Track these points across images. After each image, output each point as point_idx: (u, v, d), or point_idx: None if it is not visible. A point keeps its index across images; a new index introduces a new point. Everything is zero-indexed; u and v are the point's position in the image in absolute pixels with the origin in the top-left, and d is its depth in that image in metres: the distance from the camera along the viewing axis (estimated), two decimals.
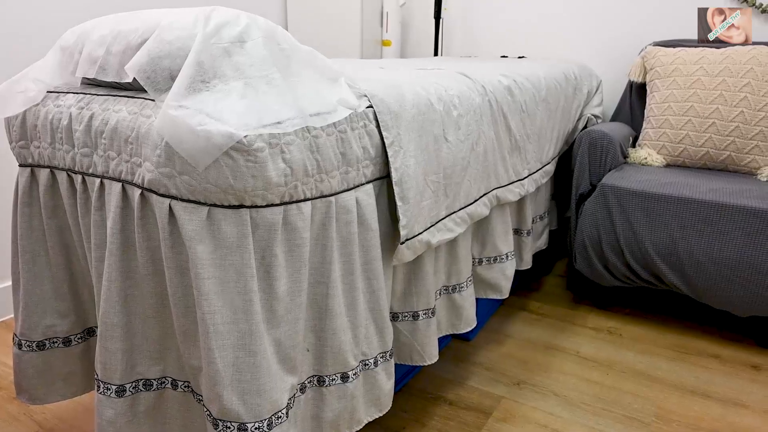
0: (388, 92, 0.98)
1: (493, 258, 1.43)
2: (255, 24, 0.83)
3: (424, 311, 1.15)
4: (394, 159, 0.96)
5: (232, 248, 0.77)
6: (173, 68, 0.78)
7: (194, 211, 0.75)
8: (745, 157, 1.82)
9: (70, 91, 0.94)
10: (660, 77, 1.99)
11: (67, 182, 0.94)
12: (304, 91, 0.84)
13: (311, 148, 0.81)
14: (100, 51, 0.86)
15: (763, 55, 1.83)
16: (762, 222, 1.50)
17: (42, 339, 1.04)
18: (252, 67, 0.79)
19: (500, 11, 2.57)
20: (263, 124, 0.75)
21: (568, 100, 1.86)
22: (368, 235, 0.93)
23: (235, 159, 0.73)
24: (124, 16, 0.88)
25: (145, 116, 0.80)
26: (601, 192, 1.71)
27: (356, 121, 0.90)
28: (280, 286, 0.81)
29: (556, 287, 2.04)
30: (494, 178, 1.35)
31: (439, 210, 1.13)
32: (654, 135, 1.96)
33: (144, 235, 0.82)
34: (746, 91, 1.82)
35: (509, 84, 1.43)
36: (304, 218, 0.83)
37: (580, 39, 2.42)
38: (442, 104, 1.12)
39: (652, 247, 1.64)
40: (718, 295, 1.58)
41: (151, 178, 0.77)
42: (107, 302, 0.85)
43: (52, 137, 0.93)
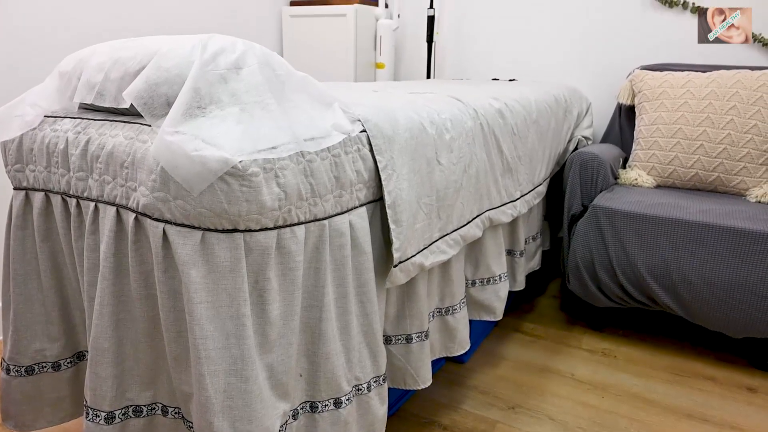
0: (381, 117, 0.99)
1: (487, 279, 1.44)
2: (251, 51, 0.85)
3: (418, 334, 1.15)
4: (387, 182, 0.97)
5: (225, 272, 0.77)
6: (170, 94, 0.79)
7: (188, 236, 0.76)
8: (734, 179, 1.85)
9: (67, 115, 0.95)
10: (648, 100, 2.02)
11: (62, 206, 0.94)
12: (298, 117, 0.85)
13: (305, 172, 0.82)
14: (98, 77, 0.87)
15: (748, 79, 1.87)
16: (752, 243, 1.52)
17: (31, 363, 1.03)
18: (248, 93, 0.81)
19: (491, 35, 2.61)
20: (258, 149, 0.76)
21: (558, 123, 1.88)
22: (361, 258, 0.94)
23: (229, 184, 0.74)
24: (123, 43, 0.90)
25: (141, 141, 0.81)
26: (592, 213, 1.73)
27: (350, 146, 0.91)
28: (273, 311, 0.81)
29: (550, 308, 2.05)
30: (487, 199, 1.36)
31: (432, 232, 1.13)
32: (644, 156, 1.98)
33: (137, 259, 0.82)
34: (732, 114, 1.85)
35: (500, 107, 1.45)
36: (298, 242, 0.83)
37: (570, 62, 2.47)
38: (434, 128, 1.13)
39: (644, 268, 1.65)
40: (712, 317, 1.59)
41: (146, 203, 0.78)
42: (98, 326, 0.85)
43: (47, 161, 0.94)
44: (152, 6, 2.13)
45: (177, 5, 2.22)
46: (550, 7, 2.46)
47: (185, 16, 2.27)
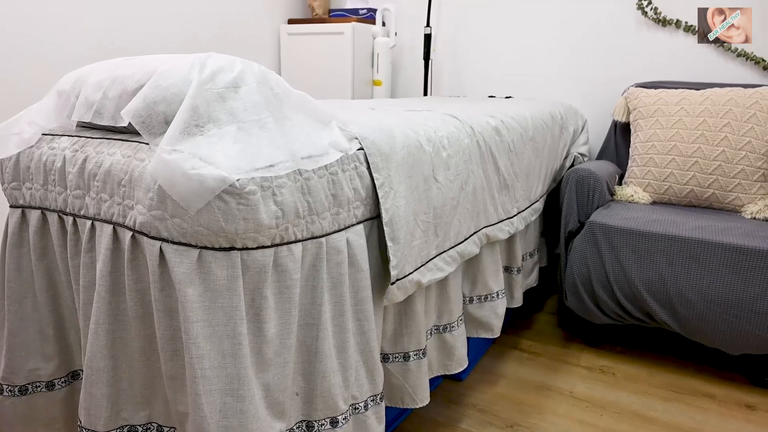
0: (378, 134, 1.00)
1: (484, 296, 1.43)
2: (249, 70, 0.85)
3: (415, 352, 1.14)
4: (384, 200, 0.97)
5: (222, 291, 0.76)
6: (168, 113, 0.79)
7: (185, 254, 0.76)
8: (729, 195, 1.86)
9: (65, 134, 0.95)
10: (643, 117, 2.04)
11: (58, 224, 0.94)
12: (296, 135, 0.86)
13: (303, 190, 0.82)
14: (96, 95, 0.87)
15: (741, 97, 1.89)
16: (748, 259, 1.52)
17: (25, 383, 1.02)
18: (245, 112, 0.81)
19: (487, 53, 2.64)
20: (255, 167, 0.76)
21: (554, 139, 1.90)
22: (359, 276, 0.93)
23: (227, 202, 0.74)
24: (122, 62, 0.90)
25: (138, 159, 0.81)
26: (589, 229, 1.73)
27: (347, 163, 0.91)
28: (269, 329, 0.81)
29: (548, 325, 2.04)
30: (484, 216, 1.37)
31: (430, 249, 1.13)
32: (639, 173, 1.99)
33: (134, 278, 0.82)
34: (726, 131, 1.87)
35: (497, 125, 1.46)
36: (295, 260, 0.83)
37: (566, 80, 2.49)
38: (431, 145, 1.14)
39: (641, 284, 1.65)
40: (709, 333, 1.58)
41: (143, 221, 0.77)
42: (94, 345, 0.84)
43: (44, 179, 0.94)
44: (151, 25, 2.15)
45: (176, 24, 2.24)
46: (546, 25, 2.49)
47: (184, 35, 2.29)
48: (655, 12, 2.24)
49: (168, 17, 2.21)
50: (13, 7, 1.73)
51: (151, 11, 2.14)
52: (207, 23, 2.38)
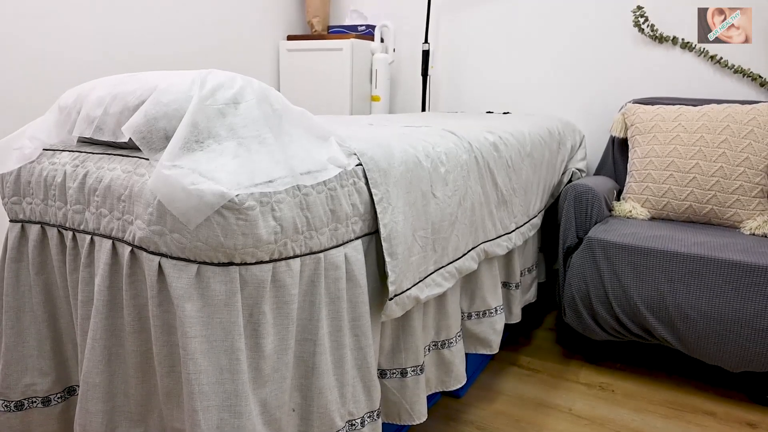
0: (377, 150, 1.00)
1: (482, 312, 1.43)
2: (249, 86, 0.86)
3: (413, 368, 1.13)
4: (383, 215, 0.98)
5: (220, 306, 0.76)
6: (169, 129, 0.80)
7: (183, 269, 0.76)
8: (728, 211, 1.87)
9: (65, 149, 0.96)
10: (641, 133, 2.06)
11: (57, 238, 0.94)
12: (295, 150, 0.86)
13: (301, 205, 0.83)
14: (97, 111, 0.88)
15: (738, 113, 1.91)
16: (748, 276, 1.52)
17: (20, 398, 1.01)
18: (245, 128, 0.82)
19: (485, 69, 2.66)
20: (255, 182, 0.77)
21: (552, 155, 1.91)
22: (357, 291, 0.93)
23: (226, 217, 0.74)
24: (123, 78, 0.91)
25: (138, 175, 0.81)
26: (588, 245, 1.74)
27: (346, 179, 0.92)
28: (267, 344, 0.80)
29: (547, 341, 2.03)
30: (482, 232, 1.37)
31: (428, 265, 1.14)
32: (637, 189, 2.00)
33: (132, 293, 0.82)
34: (724, 147, 1.88)
35: (495, 140, 1.47)
36: (293, 275, 0.83)
37: (563, 96, 2.51)
38: (429, 161, 1.14)
39: (640, 300, 1.65)
40: (709, 350, 1.58)
41: (142, 236, 0.78)
42: (90, 360, 0.84)
43: (45, 194, 0.94)
44: (151, 41, 2.17)
45: (176, 40, 2.27)
46: (544, 41, 2.52)
47: (185, 51, 2.31)
48: (651, 29, 2.26)
49: (169, 33, 2.23)
50: (15, 24, 1.74)
51: (151, 27, 2.16)
52: (208, 39, 2.41)
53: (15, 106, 1.77)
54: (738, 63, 2.15)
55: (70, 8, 1.88)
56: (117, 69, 2.06)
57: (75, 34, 1.91)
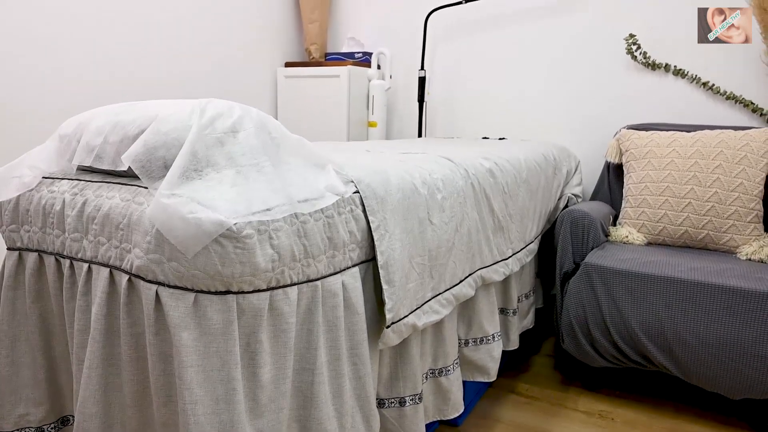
0: (374, 177, 1.01)
1: (480, 339, 1.42)
2: (248, 115, 0.87)
3: (411, 396, 1.12)
4: (380, 242, 0.98)
5: (217, 335, 0.76)
6: (168, 158, 0.80)
7: (181, 298, 0.76)
8: (723, 236, 1.87)
9: (65, 177, 0.96)
10: (635, 159, 2.08)
11: (55, 266, 0.94)
12: (292, 179, 0.87)
13: (299, 233, 0.83)
14: (97, 140, 0.89)
15: (731, 139, 1.93)
16: (745, 302, 1.52)
17: (14, 429, 0.99)
18: (243, 156, 0.83)
19: (481, 95, 2.70)
20: (253, 211, 0.77)
21: (548, 181, 1.92)
22: (354, 319, 0.93)
23: (224, 246, 0.74)
24: (123, 107, 0.92)
25: (137, 203, 0.82)
26: (584, 271, 1.74)
27: (343, 207, 0.92)
28: (264, 374, 0.80)
29: (545, 368, 2.02)
30: (479, 258, 1.37)
31: (425, 292, 1.13)
32: (633, 214, 2.01)
33: (129, 321, 0.81)
34: (718, 173, 1.90)
35: (491, 167, 1.48)
36: (291, 303, 0.83)
37: (558, 121, 2.54)
38: (426, 188, 1.15)
39: (638, 326, 1.64)
40: (708, 377, 1.57)
41: (140, 264, 0.78)
42: (86, 390, 0.83)
43: (43, 222, 0.94)
44: (151, 69, 2.20)
45: (176, 66, 2.30)
46: (538, 68, 2.56)
47: (184, 77, 2.34)
48: (644, 56, 2.30)
49: (168, 59, 2.26)
50: (16, 52, 1.77)
51: (151, 54, 2.19)
52: (207, 65, 2.44)
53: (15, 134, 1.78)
54: (730, 89, 2.19)
55: (70, 35, 1.91)
56: (115, 96, 2.08)
57: (73, 65, 1.93)
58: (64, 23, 1.88)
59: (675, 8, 2.25)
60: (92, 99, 1.99)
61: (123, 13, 2.07)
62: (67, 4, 1.88)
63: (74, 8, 1.91)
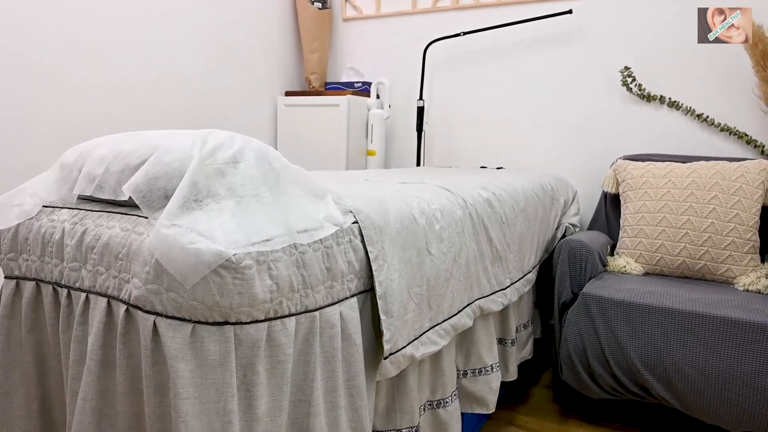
0: (372, 208, 1.02)
1: (479, 370, 1.41)
2: (248, 145, 0.88)
3: (408, 429, 1.11)
4: (378, 273, 0.98)
5: (214, 366, 0.76)
6: (169, 188, 0.81)
7: (178, 328, 0.75)
8: (721, 267, 1.88)
9: (65, 206, 0.97)
10: (632, 189, 2.09)
11: (52, 295, 0.94)
12: (292, 209, 0.88)
13: (298, 263, 0.83)
14: (99, 170, 0.90)
15: (727, 170, 1.95)
16: (744, 333, 1.52)
17: None
18: (243, 186, 0.83)
19: (479, 125, 2.73)
20: (252, 242, 0.77)
21: (546, 210, 1.93)
22: (352, 350, 0.93)
23: (222, 276, 0.74)
24: (125, 137, 0.93)
25: (137, 233, 0.82)
26: (583, 301, 1.73)
27: (342, 237, 0.93)
28: (260, 406, 0.79)
29: (544, 399, 2.00)
30: (477, 288, 1.37)
31: (423, 322, 1.13)
32: (631, 244, 2.02)
33: (125, 352, 0.81)
34: (714, 204, 1.91)
35: (489, 197, 1.49)
36: (288, 334, 0.83)
37: (556, 152, 2.57)
38: (424, 218, 1.16)
39: (637, 357, 1.63)
40: (708, 409, 1.55)
41: (138, 295, 0.78)
42: (80, 422, 0.82)
43: (42, 250, 0.94)
44: (152, 99, 2.22)
45: (177, 95, 2.32)
46: (536, 98, 2.59)
47: (185, 105, 2.36)
48: (639, 88, 2.34)
49: (170, 88, 2.29)
50: (17, 82, 1.79)
51: (152, 83, 2.22)
52: (208, 94, 2.47)
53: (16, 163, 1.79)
54: (724, 122, 2.22)
55: (71, 64, 1.94)
56: (116, 125, 2.10)
57: (75, 96, 1.96)
58: (70, 55, 1.91)
59: (669, 41, 2.30)
60: (92, 132, 2.01)
61: (125, 43, 2.10)
62: (68, 35, 1.92)
63: (78, 39, 1.94)
